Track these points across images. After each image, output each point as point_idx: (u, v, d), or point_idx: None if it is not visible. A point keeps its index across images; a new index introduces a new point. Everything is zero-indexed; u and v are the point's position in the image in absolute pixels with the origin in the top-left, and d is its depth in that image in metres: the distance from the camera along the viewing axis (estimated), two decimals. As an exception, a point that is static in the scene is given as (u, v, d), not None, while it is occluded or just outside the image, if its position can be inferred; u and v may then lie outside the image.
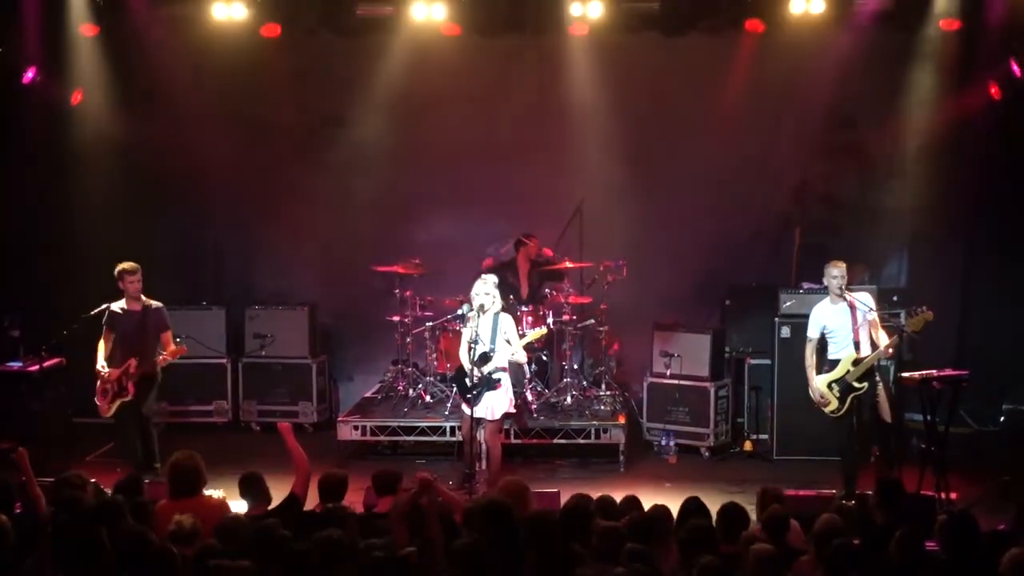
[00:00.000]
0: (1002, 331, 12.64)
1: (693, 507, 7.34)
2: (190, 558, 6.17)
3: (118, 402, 10.42)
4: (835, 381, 10.01)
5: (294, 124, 13.72)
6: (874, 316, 10.01)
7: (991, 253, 12.88)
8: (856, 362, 9.92)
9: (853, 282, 10.32)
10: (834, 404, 10.05)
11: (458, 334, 10.83)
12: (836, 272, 9.99)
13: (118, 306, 10.61)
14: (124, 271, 10.57)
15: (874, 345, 9.97)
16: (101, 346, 10.59)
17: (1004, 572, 5.93)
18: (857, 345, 9.97)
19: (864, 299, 10.02)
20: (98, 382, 10.49)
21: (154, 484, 8.43)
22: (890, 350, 10.02)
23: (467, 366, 10.29)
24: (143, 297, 10.66)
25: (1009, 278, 12.71)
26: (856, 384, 9.94)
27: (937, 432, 10.03)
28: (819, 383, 10.09)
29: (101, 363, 10.52)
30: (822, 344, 10.20)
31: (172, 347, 10.57)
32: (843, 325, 10.01)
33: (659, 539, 6.65)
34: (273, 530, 6.52)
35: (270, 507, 7.60)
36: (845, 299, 9.97)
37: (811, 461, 11.28)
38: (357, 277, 13.49)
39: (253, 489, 7.64)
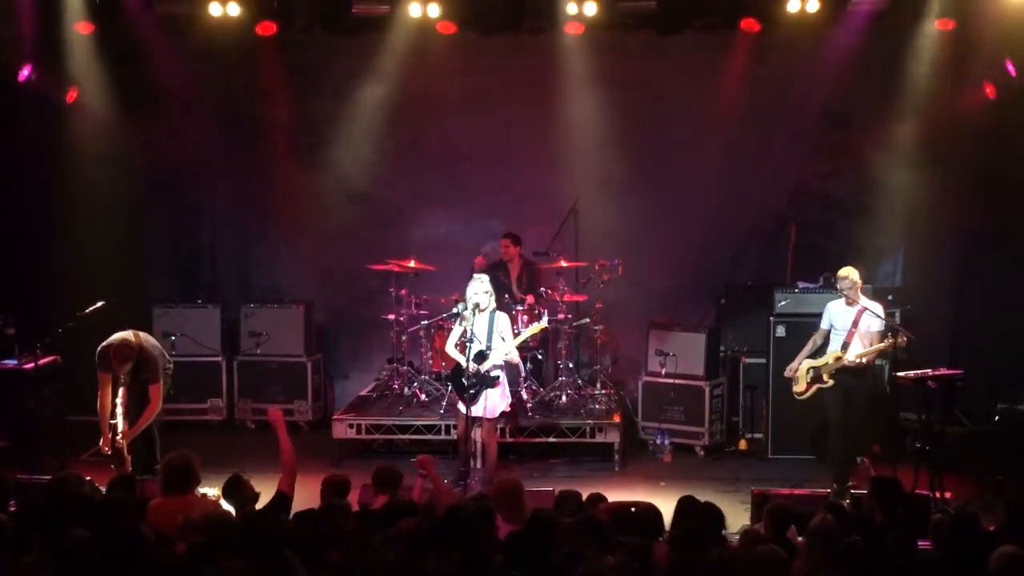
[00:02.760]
0: (997, 330, 12.63)
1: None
2: (184, 556, 6.17)
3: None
4: (812, 368, 10.27)
5: (289, 122, 13.72)
6: (876, 329, 10.06)
7: (986, 252, 12.88)
8: (836, 359, 10.13)
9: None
10: (801, 387, 10.36)
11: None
12: (845, 285, 10.15)
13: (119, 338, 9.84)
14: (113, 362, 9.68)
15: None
16: (105, 400, 9.83)
17: (994, 569, 5.94)
18: (845, 346, 10.12)
19: (876, 309, 10.13)
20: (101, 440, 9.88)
21: (147, 482, 8.42)
22: (863, 360, 10.11)
23: (461, 361, 10.30)
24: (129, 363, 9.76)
25: (1003, 277, 12.71)
26: (825, 377, 10.18)
27: (932, 431, 10.04)
28: (801, 363, 10.36)
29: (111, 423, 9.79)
30: (825, 336, 10.37)
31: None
32: (845, 326, 10.16)
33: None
34: (260, 525, 6.52)
35: (257, 507, 7.58)
36: (856, 304, 10.07)
37: (806, 460, 11.32)
38: (352, 275, 13.50)
39: (236, 492, 7.61)
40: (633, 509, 7.17)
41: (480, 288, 10.36)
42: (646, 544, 6.31)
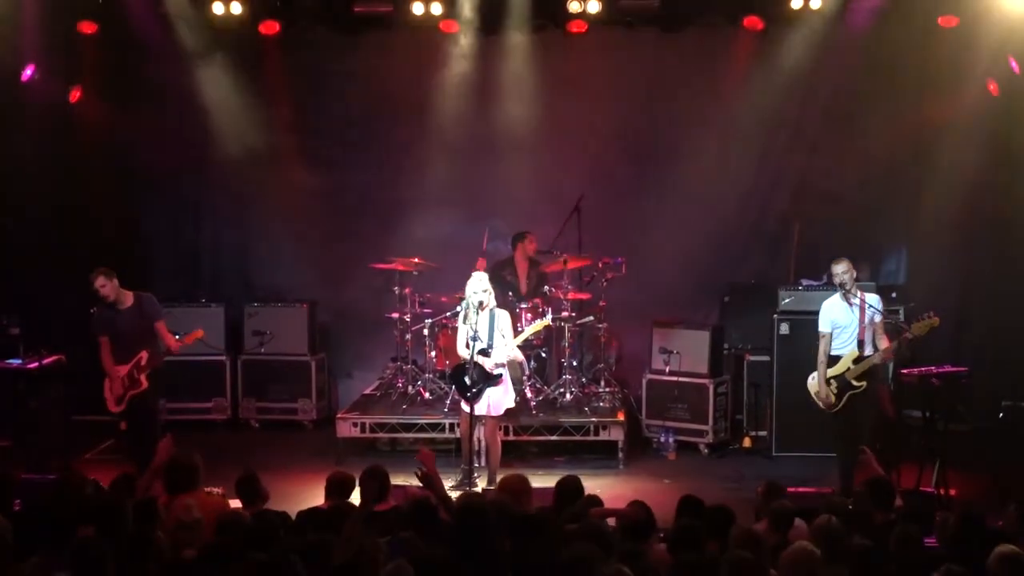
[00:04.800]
0: (1000, 327, 12.65)
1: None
2: (193, 558, 6.17)
3: (129, 395, 10.30)
4: (834, 377, 9.97)
5: (292, 121, 13.71)
6: (880, 319, 9.96)
7: (989, 249, 12.88)
8: (857, 360, 9.86)
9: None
10: (830, 399, 10.04)
11: (457, 331, 10.83)
12: (838, 269, 9.93)
13: (109, 306, 10.31)
14: (89, 281, 10.25)
15: (876, 346, 9.95)
16: (105, 357, 10.29)
17: (991, 568, 5.95)
18: (860, 344, 9.90)
19: (873, 300, 9.97)
20: (106, 380, 10.35)
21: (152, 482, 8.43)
22: (889, 354, 9.98)
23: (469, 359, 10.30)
24: (127, 292, 10.34)
25: (1007, 274, 12.71)
26: (855, 382, 9.87)
27: (936, 429, 10.03)
28: (818, 377, 10.09)
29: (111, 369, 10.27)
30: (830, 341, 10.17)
31: (193, 333, 10.43)
32: (851, 323, 9.94)
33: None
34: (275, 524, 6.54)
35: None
36: (854, 297, 9.95)
37: (810, 457, 11.27)
38: (356, 274, 13.49)
39: (250, 489, 7.63)
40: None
41: (479, 287, 10.36)
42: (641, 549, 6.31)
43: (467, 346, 10.38)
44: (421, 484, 7.71)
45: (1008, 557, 5.93)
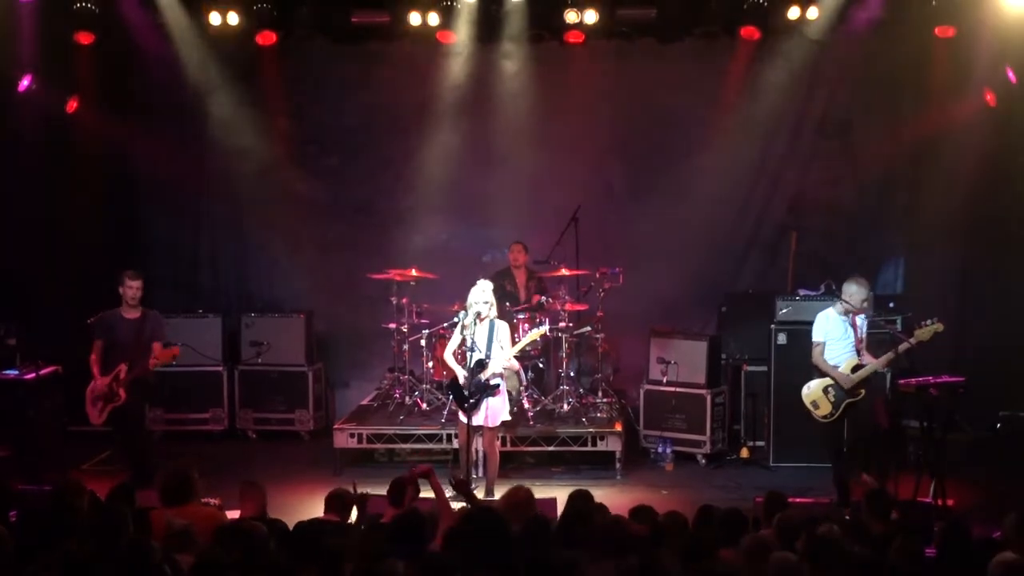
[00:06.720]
0: (998, 337, 12.62)
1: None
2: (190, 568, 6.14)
3: (110, 407, 10.34)
4: (831, 386, 10.00)
5: (289, 131, 13.72)
6: (866, 332, 10.03)
7: (987, 259, 12.87)
8: (855, 369, 9.91)
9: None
10: (827, 409, 10.01)
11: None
12: (860, 294, 9.98)
13: (114, 312, 10.50)
14: (125, 276, 10.46)
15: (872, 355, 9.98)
16: (93, 358, 10.44)
17: (993, 574, 5.94)
18: (858, 352, 9.96)
19: (859, 320, 10.05)
20: (88, 389, 10.41)
21: (148, 493, 8.41)
22: (888, 361, 10.01)
23: (458, 371, 10.28)
24: (140, 306, 10.57)
25: (1005, 284, 12.70)
26: (854, 392, 9.93)
27: (934, 439, 10.02)
28: (815, 387, 10.07)
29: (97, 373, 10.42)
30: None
31: (159, 348, 10.45)
32: (845, 334, 10.00)
33: None
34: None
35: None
36: (850, 314, 9.99)
37: (808, 468, 11.27)
38: (353, 284, 13.48)
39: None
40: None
41: (481, 297, 10.35)
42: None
43: (456, 355, 10.38)
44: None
45: (1010, 564, 5.92)
